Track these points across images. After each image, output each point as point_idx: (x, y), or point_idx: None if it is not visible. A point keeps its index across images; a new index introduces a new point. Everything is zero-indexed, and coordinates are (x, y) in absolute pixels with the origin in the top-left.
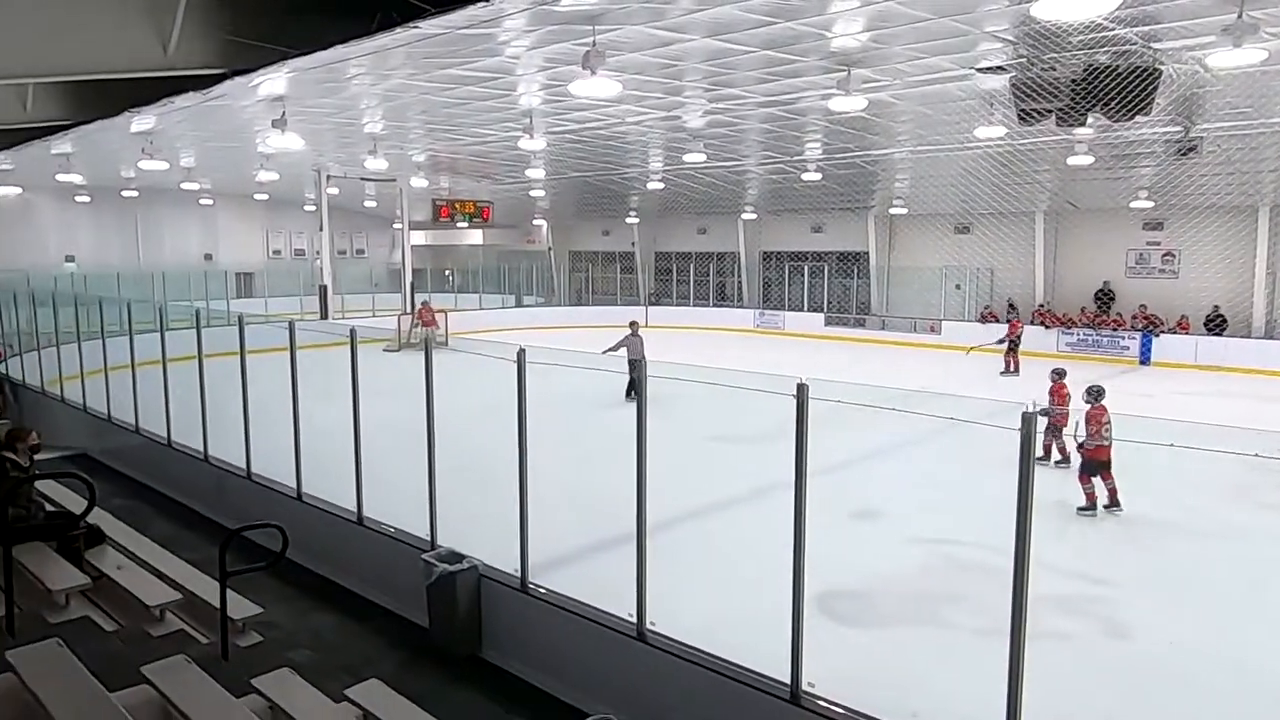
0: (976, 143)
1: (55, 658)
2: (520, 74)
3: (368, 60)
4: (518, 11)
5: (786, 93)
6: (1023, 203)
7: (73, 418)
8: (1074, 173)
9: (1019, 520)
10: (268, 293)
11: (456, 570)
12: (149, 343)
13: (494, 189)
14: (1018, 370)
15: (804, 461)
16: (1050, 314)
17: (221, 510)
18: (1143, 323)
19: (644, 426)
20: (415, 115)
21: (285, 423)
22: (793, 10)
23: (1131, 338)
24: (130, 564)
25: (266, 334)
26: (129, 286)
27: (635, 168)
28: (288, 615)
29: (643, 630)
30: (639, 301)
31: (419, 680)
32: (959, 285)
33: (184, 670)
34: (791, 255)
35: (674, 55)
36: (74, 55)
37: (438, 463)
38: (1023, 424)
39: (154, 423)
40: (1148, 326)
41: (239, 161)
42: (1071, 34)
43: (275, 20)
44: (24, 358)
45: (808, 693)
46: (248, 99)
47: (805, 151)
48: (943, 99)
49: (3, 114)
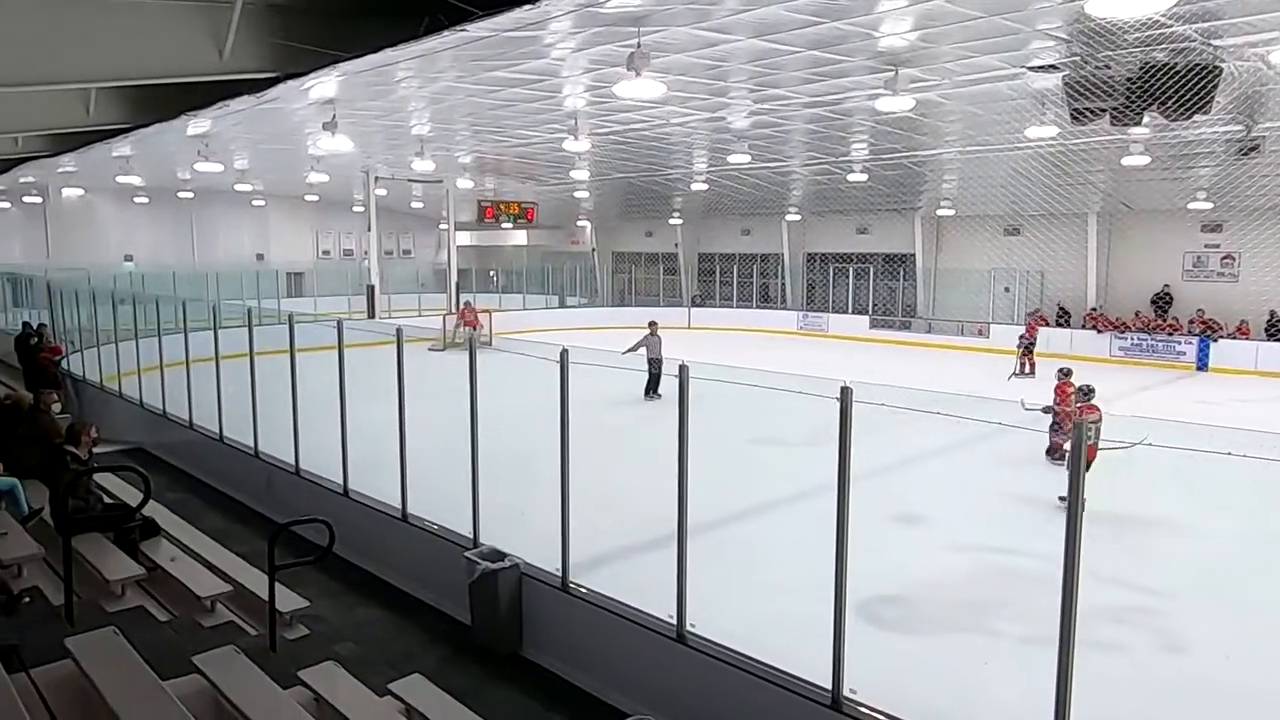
0: (1027, 143)
1: (111, 646)
2: (565, 76)
3: (415, 63)
4: (563, 13)
5: (832, 93)
6: (1075, 204)
7: (129, 413)
8: (1129, 173)
9: (1069, 527)
10: (317, 292)
11: (498, 568)
12: (203, 340)
13: (538, 190)
14: (1033, 371)
15: (847, 465)
16: (1103, 318)
17: (270, 505)
18: (1200, 327)
19: (685, 428)
20: (462, 117)
21: (333, 420)
22: (839, 10)
23: (1188, 343)
24: (183, 556)
25: (315, 333)
26: (184, 285)
27: (679, 169)
28: (333, 609)
29: (682, 632)
30: (682, 303)
31: (460, 676)
32: (1008, 288)
33: (233, 661)
34: (836, 257)
35: (719, 56)
36: (135, 61)
37: (480, 461)
38: (1073, 430)
39: (207, 418)
40: (1205, 331)
41: (290, 163)
42: (1127, 31)
43: (326, 25)
44: (84, 354)
45: (849, 699)
46: (299, 102)
47: (851, 152)
48: (993, 98)
49: (67, 118)
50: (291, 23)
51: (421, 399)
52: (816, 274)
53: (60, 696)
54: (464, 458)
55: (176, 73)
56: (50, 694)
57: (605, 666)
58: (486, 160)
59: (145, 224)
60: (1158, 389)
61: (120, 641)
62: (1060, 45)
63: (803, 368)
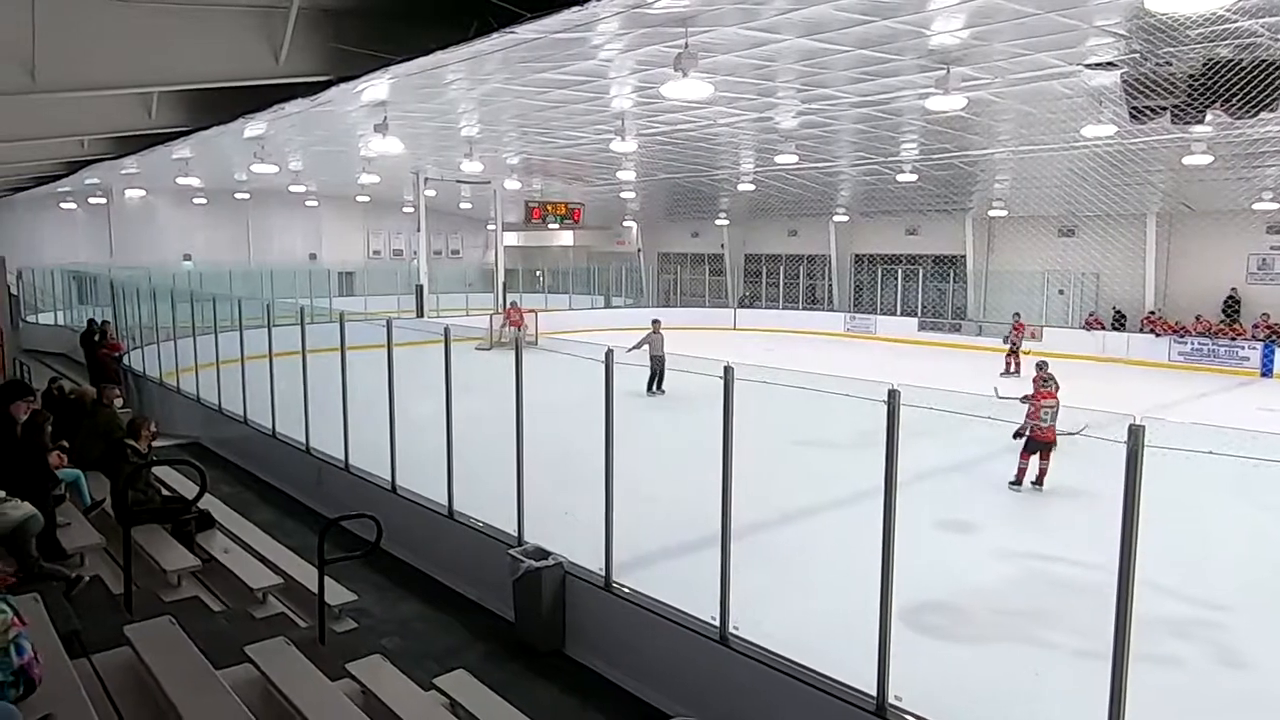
0: (1084, 142)
1: (168, 635)
2: (612, 77)
3: (465, 66)
4: (611, 14)
5: (882, 92)
6: (1133, 205)
7: (187, 408)
8: (1190, 173)
9: (1124, 536)
10: (367, 291)
11: (542, 566)
12: (257, 338)
13: (585, 191)
14: (1018, 371)
15: (894, 469)
16: (1161, 322)
17: (320, 499)
18: (1265, 332)
19: (730, 430)
20: (510, 119)
21: (382, 417)
22: (889, 8)
23: (1252, 348)
24: (236, 548)
25: (366, 331)
26: (239, 284)
27: (726, 169)
28: (380, 603)
29: (725, 634)
30: (728, 304)
31: (503, 672)
32: (1062, 290)
33: (283, 652)
34: (884, 258)
35: (767, 56)
36: (195, 65)
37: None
38: (1129, 436)
39: (260, 414)
40: (1270, 336)
41: (342, 165)
42: (1189, 27)
43: (378, 29)
44: (144, 351)
45: (894, 706)
46: (351, 105)
47: (900, 152)
48: (1048, 97)
49: (130, 121)
50: (344, 26)
51: (468, 396)
52: (864, 275)
53: (119, 681)
54: (508, 455)
55: (234, 76)
56: (109, 679)
57: (647, 666)
58: (534, 161)
59: (203, 224)
60: (1218, 395)
61: (176, 630)
62: (1119, 42)
63: (849, 370)
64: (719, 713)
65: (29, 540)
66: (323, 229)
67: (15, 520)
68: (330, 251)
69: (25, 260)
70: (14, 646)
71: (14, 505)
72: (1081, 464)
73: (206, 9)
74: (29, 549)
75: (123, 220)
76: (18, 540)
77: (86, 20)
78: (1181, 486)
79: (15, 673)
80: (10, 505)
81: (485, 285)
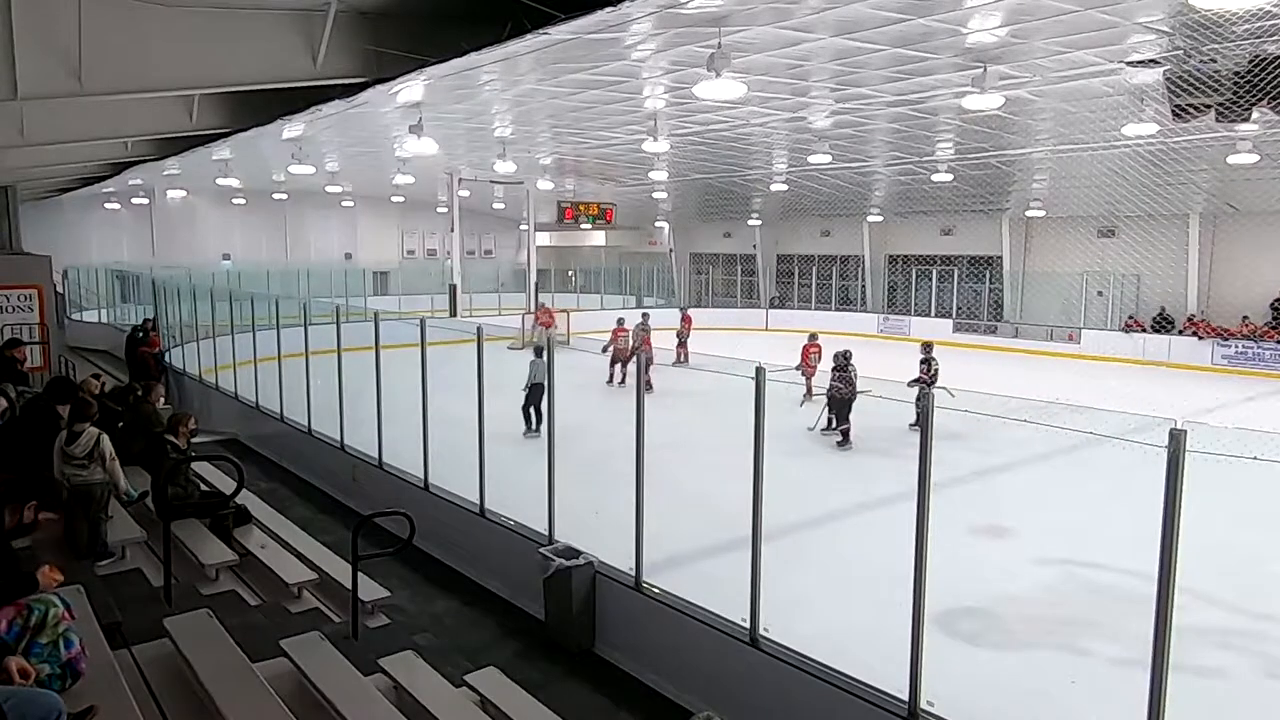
0: (1124, 141)
1: (205, 627)
2: (645, 77)
3: (498, 67)
4: (644, 15)
5: (917, 91)
6: (1175, 205)
7: (225, 405)
8: (1235, 172)
9: (1164, 542)
10: (401, 290)
11: (573, 566)
12: (294, 336)
13: (617, 191)
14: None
15: (928, 472)
16: (1205, 324)
17: (354, 496)
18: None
19: (761, 431)
20: (542, 119)
21: (415, 415)
22: (926, 6)
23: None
24: (272, 543)
25: (400, 330)
26: (277, 283)
27: (758, 169)
28: (412, 600)
29: (755, 636)
30: (760, 305)
31: (533, 670)
32: (1101, 292)
33: (317, 646)
34: (919, 259)
35: (800, 55)
36: (235, 68)
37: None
38: (1170, 441)
39: (296, 412)
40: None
41: (377, 165)
42: (1235, 23)
43: (414, 31)
44: (184, 348)
45: (926, 711)
46: (387, 106)
47: (936, 152)
48: (1087, 95)
49: (172, 123)
50: (381, 29)
51: (500, 394)
52: (898, 276)
53: (158, 672)
54: (539, 454)
55: (273, 79)
56: (149, 669)
57: (677, 667)
58: (566, 162)
59: (242, 224)
60: (1265, 400)
61: (213, 623)
62: (1162, 39)
63: (883, 371)
64: (749, 713)
65: (96, 504)
66: (358, 229)
67: (93, 482)
68: (365, 251)
69: (71, 259)
70: (63, 640)
71: (96, 470)
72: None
73: (247, 13)
74: (94, 512)
75: (164, 220)
76: (86, 502)
77: (131, 25)
78: (1227, 493)
79: (63, 665)
80: (93, 470)
81: (518, 285)
